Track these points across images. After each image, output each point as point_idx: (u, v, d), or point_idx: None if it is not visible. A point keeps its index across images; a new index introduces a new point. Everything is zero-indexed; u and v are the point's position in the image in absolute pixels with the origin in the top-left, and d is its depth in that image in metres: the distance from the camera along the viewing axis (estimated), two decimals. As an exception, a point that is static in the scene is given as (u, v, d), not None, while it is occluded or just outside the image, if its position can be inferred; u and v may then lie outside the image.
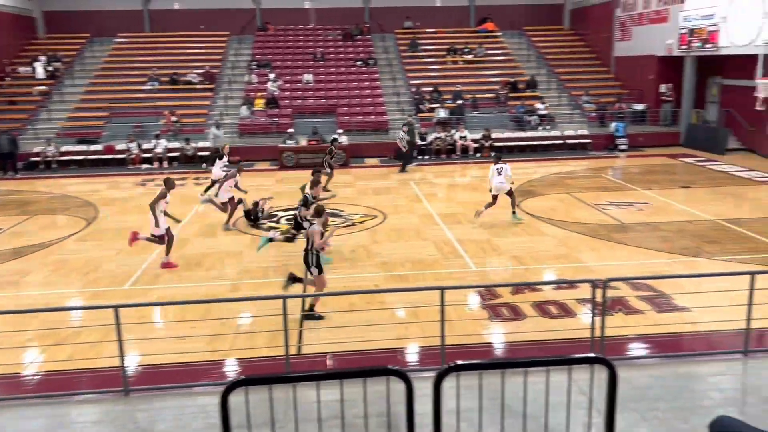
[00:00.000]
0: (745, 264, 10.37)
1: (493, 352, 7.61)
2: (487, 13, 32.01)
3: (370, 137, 24.31)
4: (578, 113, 25.67)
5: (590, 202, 15.17)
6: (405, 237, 12.59)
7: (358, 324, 7.88)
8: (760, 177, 17.80)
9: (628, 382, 6.13)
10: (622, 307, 8.65)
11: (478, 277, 10.22)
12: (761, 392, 5.93)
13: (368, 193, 17.19)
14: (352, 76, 28.08)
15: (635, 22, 26.39)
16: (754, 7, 19.15)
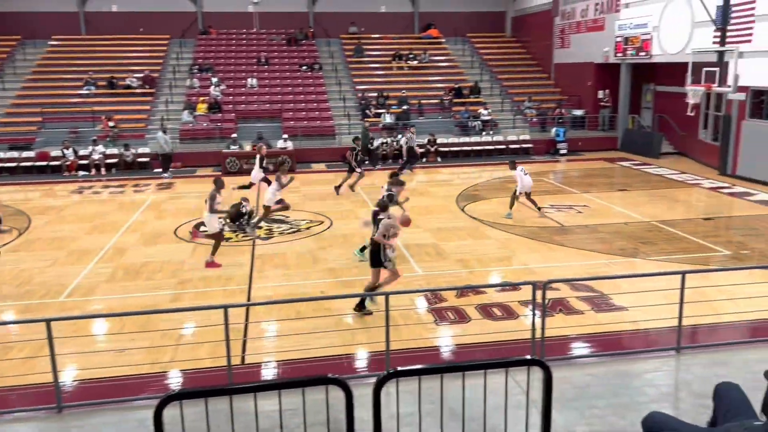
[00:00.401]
0: (677, 264, 10.79)
1: (438, 355, 7.67)
2: (430, 19, 32.42)
3: (316, 142, 24.22)
4: (520, 119, 26.25)
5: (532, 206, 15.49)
6: (352, 242, 12.55)
7: (304, 332, 7.81)
8: (691, 180, 18.60)
9: (568, 381, 6.28)
10: (563, 307, 8.86)
11: (425, 281, 10.29)
12: (692, 387, 6.17)
13: (314, 198, 17.08)
14: (297, 80, 27.92)
15: (574, 30, 27.22)
16: (683, 18, 20.04)
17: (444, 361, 7.52)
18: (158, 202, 16.89)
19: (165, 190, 18.71)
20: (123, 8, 30.27)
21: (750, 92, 17.73)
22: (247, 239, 12.98)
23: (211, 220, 11.26)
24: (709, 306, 8.50)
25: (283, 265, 11.16)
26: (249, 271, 10.85)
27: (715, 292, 8.91)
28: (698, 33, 19.23)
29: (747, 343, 7.34)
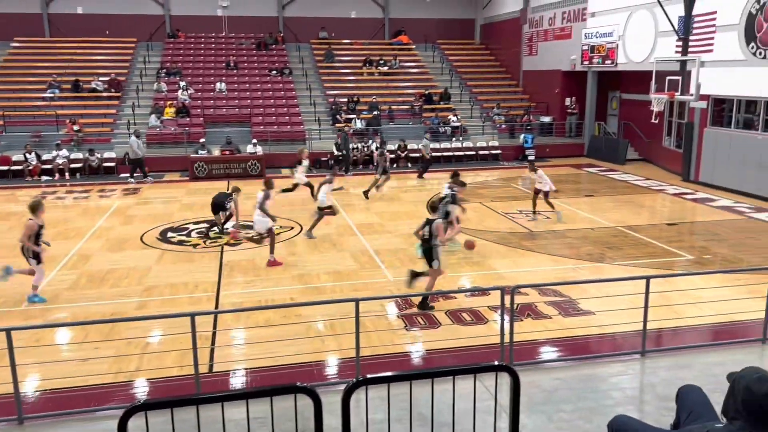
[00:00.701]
0: (643, 268, 11.01)
1: (408, 361, 7.67)
2: (401, 26, 32.60)
3: (286, 147, 24.09)
4: (489, 125, 26.52)
5: (501, 211, 15.66)
6: (322, 248, 12.52)
7: (274, 339, 7.74)
8: (656, 186, 19.01)
9: (536, 385, 6.34)
10: (531, 312, 8.95)
11: (395, 287, 10.29)
12: (656, 390, 6.29)
13: (284, 204, 16.96)
14: (266, 85, 27.78)
15: (542, 38, 27.64)
16: (647, 27, 20.52)
17: (414, 366, 7.52)
18: (124, 208, 16.59)
19: (131, 196, 18.40)
20: (88, 10, 29.74)
21: (711, 100, 18.22)
22: (215, 246, 12.83)
23: (262, 220, 11.52)
24: (673, 310, 8.69)
25: (252, 272, 11.06)
26: (217, 278, 10.72)
27: (678, 296, 9.13)
28: (662, 42, 19.72)
29: (708, 346, 7.52)
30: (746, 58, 16.67)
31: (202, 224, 14.67)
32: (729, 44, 17.13)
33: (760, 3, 16.14)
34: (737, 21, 16.83)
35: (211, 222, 13.93)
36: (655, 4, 18.53)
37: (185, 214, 15.72)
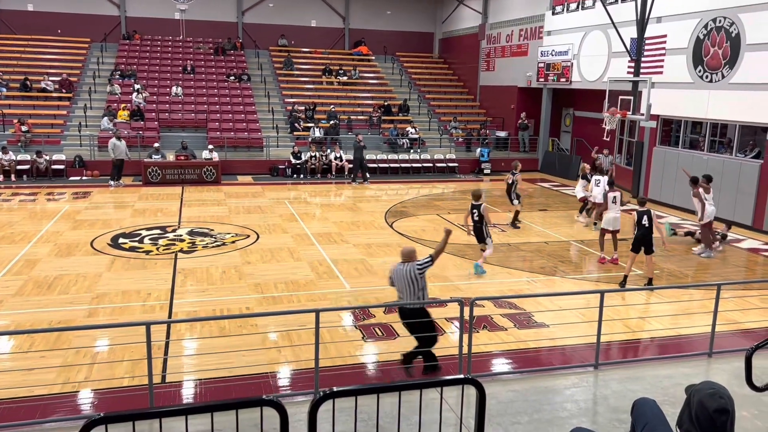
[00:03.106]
0: (594, 283, 11.29)
1: (366, 372, 7.64)
2: (361, 36, 32.76)
3: (243, 154, 23.83)
4: (447, 138, 26.83)
5: (457, 223, 15.82)
6: (279, 257, 12.39)
7: (228, 349, 7.60)
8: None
9: (493, 397, 6.41)
10: (487, 324, 9.06)
11: (353, 297, 10.27)
12: (609, 402, 6.44)
13: (240, 211, 16.76)
14: (224, 91, 27.44)
15: (499, 54, 28.19)
16: (601, 48, 21.18)
17: (373, 378, 7.50)
18: (74, 212, 16.07)
19: (81, 200, 17.85)
20: (40, 8, 28.85)
21: (660, 120, 18.90)
22: (169, 252, 12.55)
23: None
24: (624, 324, 8.93)
25: (207, 280, 10.85)
26: (171, 286, 10.48)
27: (629, 310, 9.39)
28: (615, 63, 20.38)
29: (658, 359, 7.74)
30: (694, 80, 17.38)
31: (155, 230, 14.34)
32: (678, 67, 17.83)
33: (707, 29, 16.87)
34: (686, 45, 17.54)
35: None
36: (609, 25, 19.15)
37: (137, 220, 15.34)
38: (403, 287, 7.19)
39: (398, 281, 7.23)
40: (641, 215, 10.70)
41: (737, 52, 15.93)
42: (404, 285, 7.16)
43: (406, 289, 7.17)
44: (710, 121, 17.46)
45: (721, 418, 3.08)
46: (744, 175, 15.78)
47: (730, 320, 9.06)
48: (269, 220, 15.72)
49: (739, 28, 15.83)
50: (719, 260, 13.07)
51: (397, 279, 7.23)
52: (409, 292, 7.15)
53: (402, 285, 7.19)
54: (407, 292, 7.16)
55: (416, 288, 7.14)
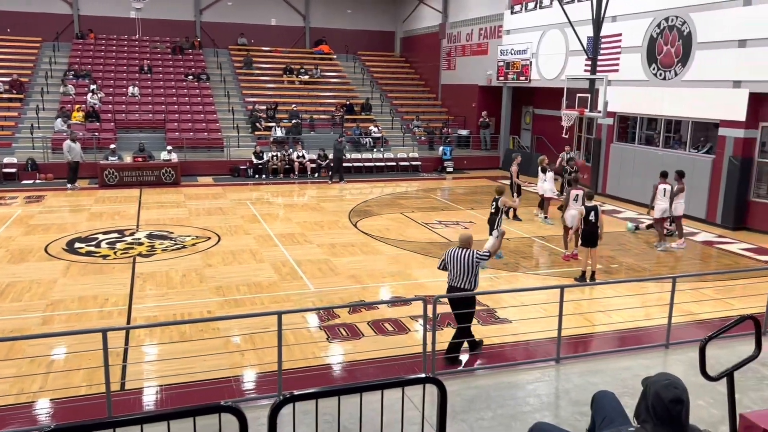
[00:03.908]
0: (555, 278, 11.46)
1: (331, 373, 7.60)
2: (322, 35, 32.61)
3: (202, 154, 23.48)
4: (409, 137, 26.91)
5: (421, 221, 15.90)
6: (241, 259, 12.23)
7: (190, 354, 7.46)
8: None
9: (457, 394, 6.44)
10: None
11: (317, 297, 10.20)
12: (571, 395, 6.53)
13: (201, 213, 16.50)
14: (182, 90, 26.98)
15: (459, 53, 28.39)
16: (559, 46, 21.52)
17: (338, 378, 7.46)
18: (27, 217, 15.58)
19: (34, 204, 17.32)
20: (-13, 5, 27.90)
21: (617, 117, 19.30)
22: (127, 256, 12.27)
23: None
24: (584, 318, 9.09)
25: (167, 284, 10.64)
26: (129, 291, 10.25)
27: (589, 304, 9.56)
28: (572, 61, 20.74)
29: (617, 352, 7.89)
30: (648, 78, 17.80)
31: (113, 234, 14.01)
32: (633, 65, 18.24)
33: (660, 28, 17.29)
34: (640, 43, 17.95)
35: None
36: (566, 24, 19.46)
37: (94, 224, 14.96)
38: (458, 270, 7.59)
39: (455, 264, 7.60)
40: (589, 210, 10.95)
41: (689, 50, 16.37)
42: (460, 268, 7.56)
43: (462, 273, 7.57)
44: (665, 118, 17.91)
45: (677, 407, 3.15)
46: (697, 171, 16.23)
47: (686, 312, 9.30)
48: (231, 221, 15.52)
49: (691, 27, 16.28)
50: (674, 254, 13.40)
51: (454, 262, 7.61)
52: (465, 276, 7.57)
53: (457, 268, 7.58)
54: (463, 275, 7.57)
55: (471, 274, 7.56)
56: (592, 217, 10.91)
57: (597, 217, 10.91)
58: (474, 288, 7.67)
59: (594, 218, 10.90)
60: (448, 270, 7.74)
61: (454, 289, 7.68)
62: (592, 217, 10.90)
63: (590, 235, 10.93)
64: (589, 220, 10.91)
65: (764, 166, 15.47)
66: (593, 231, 10.90)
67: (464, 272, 7.56)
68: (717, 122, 15.92)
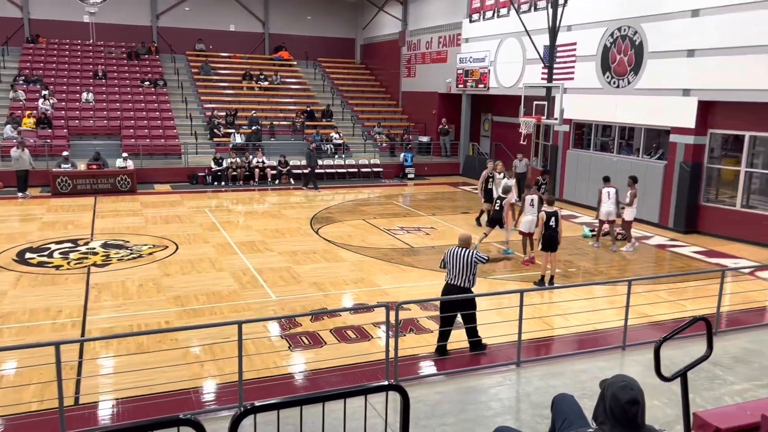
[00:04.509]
0: (516, 282, 11.61)
1: (293, 383, 7.53)
2: (281, 41, 32.45)
3: (159, 161, 23.05)
4: (371, 143, 26.96)
5: (383, 228, 15.92)
6: (199, 268, 12.03)
7: (148, 366, 7.28)
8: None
9: (420, 400, 6.46)
10: (414, 327, 9.13)
11: (278, 306, 10.10)
12: (531, 399, 6.62)
13: (158, 221, 16.17)
14: (138, 96, 26.46)
15: (419, 60, 28.62)
16: (516, 55, 21.90)
17: (300, 388, 7.39)
18: (-27, 227, 15.02)
19: (-18, 213, 16.70)
20: (-69, 7, 26.87)
21: (573, 124, 19.73)
22: (81, 267, 11.93)
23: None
24: (544, 321, 9.23)
25: (123, 295, 10.38)
26: (83, 302, 9.96)
27: (548, 308, 9.71)
28: (529, 69, 21.12)
29: (576, 354, 8.04)
30: (602, 86, 18.26)
31: (66, 243, 13.61)
32: (588, 73, 18.69)
33: (613, 37, 17.77)
34: (594, 52, 18.41)
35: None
36: (523, 33, 19.81)
37: (46, 233, 14.51)
38: (458, 268, 7.89)
39: (455, 262, 7.91)
40: (549, 216, 11.18)
41: (641, 59, 16.86)
42: (460, 266, 7.86)
43: (461, 270, 7.87)
44: (618, 125, 18.39)
45: (633, 408, 3.22)
46: (650, 176, 16.70)
47: (642, 314, 9.54)
48: (189, 229, 15.25)
49: (642, 36, 16.77)
50: (626, 257, 13.74)
51: (454, 260, 7.92)
52: (464, 273, 7.87)
53: (457, 266, 7.88)
54: (462, 273, 7.87)
55: (470, 272, 7.88)
56: (553, 222, 11.11)
57: (557, 223, 11.13)
58: (472, 286, 7.97)
59: (554, 223, 11.11)
60: (448, 269, 8.01)
61: (453, 287, 7.95)
62: (553, 223, 11.11)
63: (550, 239, 11.12)
64: (549, 225, 11.12)
65: (713, 172, 16.02)
66: (553, 236, 11.10)
67: (463, 271, 7.85)
68: (668, 129, 16.42)
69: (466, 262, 7.85)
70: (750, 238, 14.68)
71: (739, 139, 15.32)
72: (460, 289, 7.91)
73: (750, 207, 15.18)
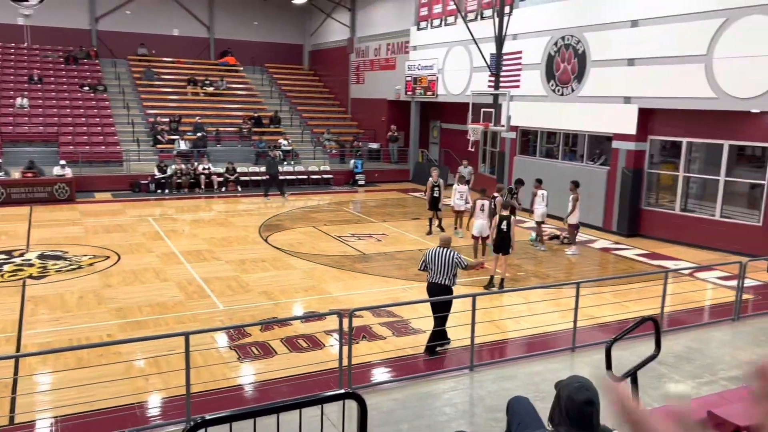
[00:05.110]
0: (467, 286, 11.67)
1: (244, 395, 7.32)
2: (227, 46, 31.93)
3: (100, 169, 22.26)
4: (320, 150, 26.78)
5: (334, 235, 15.79)
6: (143, 278, 11.62)
7: (89, 381, 6.94)
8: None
9: (374, 407, 6.36)
10: (366, 334, 9.04)
11: (227, 316, 9.84)
12: (485, 402, 6.63)
13: (99, 231, 15.58)
14: (77, 102, 25.52)
15: (368, 67, 28.65)
16: (464, 62, 22.17)
17: (251, 400, 7.19)
18: None
19: None
20: None
21: (519, 131, 20.09)
22: (16, 279, 11.35)
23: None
24: (495, 325, 9.29)
25: (62, 307, 9.91)
26: (18, 316, 9.46)
27: (499, 311, 9.79)
28: (476, 77, 21.40)
29: (528, 357, 8.11)
30: (547, 94, 18.67)
31: (0, 255, 12.93)
32: (534, 81, 19.07)
33: (557, 46, 18.21)
34: (539, 61, 18.81)
35: None
36: (470, 41, 20.07)
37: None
38: (440, 267, 8.25)
39: (437, 262, 8.27)
40: (502, 219, 11.44)
41: (584, 67, 17.33)
42: (442, 265, 8.23)
43: (443, 269, 8.23)
44: (563, 132, 18.83)
45: (589, 409, 3.22)
46: (594, 181, 17.15)
47: (588, 315, 9.72)
48: (131, 239, 14.74)
49: (585, 45, 17.24)
50: (571, 260, 14.04)
51: (436, 259, 8.28)
52: (445, 272, 8.23)
53: (440, 265, 8.24)
54: (444, 272, 8.23)
55: (451, 272, 8.25)
56: (504, 226, 11.29)
57: (509, 227, 11.30)
58: (453, 285, 8.34)
59: (506, 227, 11.28)
60: (429, 268, 8.36)
61: (436, 285, 8.28)
62: (504, 227, 11.29)
63: (501, 242, 11.30)
64: (501, 228, 11.30)
65: (653, 177, 16.57)
66: (504, 239, 11.27)
67: (445, 270, 8.22)
68: (610, 135, 16.90)
69: (448, 261, 8.21)
70: (689, 241, 15.24)
71: (676, 145, 15.91)
72: (442, 287, 8.22)
73: (688, 210, 15.76)
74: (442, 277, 8.24)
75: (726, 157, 14.63)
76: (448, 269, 8.22)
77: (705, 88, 14.07)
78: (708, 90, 14.03)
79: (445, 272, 8.23)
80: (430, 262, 8.34)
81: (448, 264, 8.21)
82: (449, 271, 8.23)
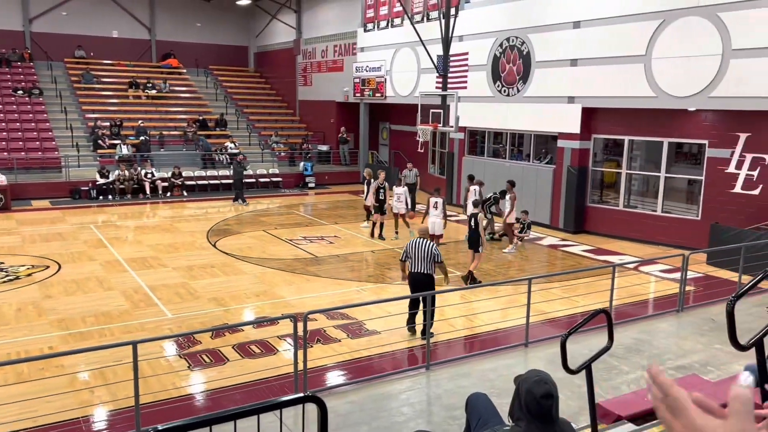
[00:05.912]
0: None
1: (195, 404, 7.10)
2: (169, 48, 31.15)
3: (37, 176, 21.35)
4: (269, 153, 26.42)
5: (285, 238, 15.58)
6: (86, 288, 11.17)
7: (30, 396, 6.60)
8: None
9: (332, 410, 6.22)
10: (321, 337, 8.93)
11: (175, 324, 9.55)
12: (443, 401, 6.63)
13: (37, 240, 14.92)
14: (11, 106, 24.41)
15: (315, 69, 28.46)
16: (411, 64, 22.28)
17: (203, 408, 6.98)
18: None
19: None
20: None
21: (467, 132, 20.31)
22: (-53, 292, 10.73)
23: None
24: (449, 323, 9.33)
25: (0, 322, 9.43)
26: (-49, 331, 8.94)
27: (453, 310, 9.84)
28: (424, 78, 21.53)
29: (482, 354, 8.17)
30: (494, 94, 18.94)
31: (-72, 268, 12.21)
32: (480, 82, 19.32)
33: (502, 48, 18.50)
34: (485, 62, 19.07)
35: None
36: (417, 43, 20.19)
37: None
38: (420, 257, 8.79)
39: (417, 252, 8.82)
40: (470, 218, 11.96)
41: (528, 68, 17.65)
42: (421, 256, 8.79)
43: (424, 259, 8.78)
44: (509, 132, 19.14)
45: (547, 402, 3.24)
46: (540, 180, 17.49)
47: (540, 311, 9.87)
48: (72, 247, 14.17)
49: (529, 47, 17.57)
50: (521, 257, 14.27)
51: (416, 250, 8.83)
52: (426, 262, 8.78)
53: (420, 256, 8.79)
54: (425, 262, 8.78)
55: (431, 261, 8.80)
56: (472, 223, 11.52)
57: (477, 224, 11.53)
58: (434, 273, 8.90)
59: (474, 225, 11.52)
60: (410, 259, 8.87)
61: (418, 275, 8.81)
62: (472, 224, 11.52)
63: (470, 239, 11.75)
64: (470, 226, 11.70)
65: (597, 175, 17.02)
66: (473, 237, 11.62)
67: (424, 260, 8.76)
68: (555, 135, 17.28)
69: (426, 252, 8.77)
70: (632, 236, 15.71)
71: (618, 143, 16.39)
72: (424, 276, 8.75)
73: (631, 207, 16.25)
74: (423, 267, 8.76)
75: (666, 154, 15.16)
76: (428, 259, 8.75)
77: (645, 88, 14.55)
78: (647, 89, 14.51)
79: (424, 262, 8.75)
80: (411, 252, 8.86)
81: (426, 254, 8.75)
82: (428, 260, 8.75)
